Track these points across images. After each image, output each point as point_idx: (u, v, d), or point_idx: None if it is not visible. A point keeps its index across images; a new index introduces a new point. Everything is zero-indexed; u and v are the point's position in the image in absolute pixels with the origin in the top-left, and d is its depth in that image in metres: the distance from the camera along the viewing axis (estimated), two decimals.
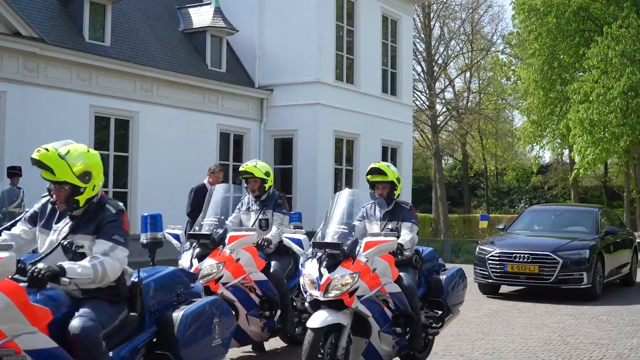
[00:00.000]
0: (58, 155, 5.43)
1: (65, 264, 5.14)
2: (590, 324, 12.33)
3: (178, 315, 5.81)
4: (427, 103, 52.12)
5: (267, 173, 9.69)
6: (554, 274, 15.20)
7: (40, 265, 5.03)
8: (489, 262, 15.83)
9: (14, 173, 17.86)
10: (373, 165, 8.55)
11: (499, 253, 15.80)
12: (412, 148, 35.60)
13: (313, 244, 7.43)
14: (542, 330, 11.63)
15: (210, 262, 8.69)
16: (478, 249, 16.57)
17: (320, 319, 6.97)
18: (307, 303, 7.37)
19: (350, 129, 28.92)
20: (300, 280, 7.49)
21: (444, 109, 54.03)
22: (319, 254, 7.33)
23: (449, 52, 54.51)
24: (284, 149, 28.16)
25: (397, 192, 8.55)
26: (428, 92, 52.07)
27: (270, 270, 9.24)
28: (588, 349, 10.16)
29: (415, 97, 48.95)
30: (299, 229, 8.56)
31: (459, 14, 53.83)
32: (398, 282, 7.86)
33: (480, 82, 57.94)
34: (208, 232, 9.06)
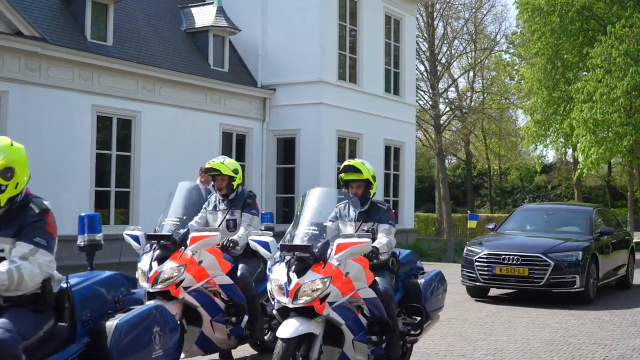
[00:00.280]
0: None
1: None
2: (593, 325, 12.28)
3: (112, 325, 5.31)
4: (430, 102, 52.14)
5: (235, 170, 9.13)
6: (545, 277, 14.52)
7: None
8: (477, 263, 15.15)
9: None
10: (347, 163, 8.01)
11: (487, 254, 15.11)
12: (415, 148, 35.58)
13: (281, 247, 6.93)
14: (544, 331, 11.59)
15: (171, 264, 8.08)
16: (466, 250, 15.91)
17: (291, 329, 6.54)
18: (274, 311, 6.90)
19: (353, 129, 28.89)
20: (268, 286, 6.99)
21: (447, 109, 54.00)
22: (288, 258, 6.84)
23: (452, 51, 54.52)
24: (287, 149, 28.13)
25: (372, 191, 7.96)
26: (431, 91, 52.08)
27: (238, 274, 8.68)
28: (590, 350, 10.11)
29: (419, 96, 48.92)
30: (269, 231, 7.95)
31: (462, 14, 53.84)
32: (373, 286, 7.36)
33: (484, 81, 57.90)
34: (169, 232, 8.45)
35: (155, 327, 5.64)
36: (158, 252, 8.22)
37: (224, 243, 8.67)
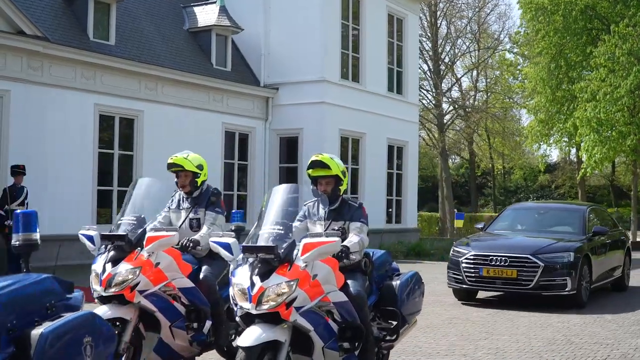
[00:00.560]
0: None
1: None
2: (595, 324, 12.24)
3: (37, 334, 4.92)
4: (433, 102, 52.09)
5: (199, 166, 8.62)
6: (534, 279, 13.76)
7: None
8: (463, 265, 14.41)
9: (18, 172, 17.89)
10: (314, 158, 7.44)
11: (474, 255, 14.36)
12: (418, 147, 35.53)
13: (243, 248, 6.46)
14: (546, 330, 11.55)
15: (125, 266, 7.53)
16: (452, 251, 15.11)
17: (253, 336, 6.10)
18: (238, 317, 6.40)
19: (356, 128, 28.86)
20: (230, 291, 6.54)
21: (451, 108, 53.96)
22: (251, 260, 6.40)
23: (456, 50, 54.46)
24: (290, 148, 28.11)
25: (342, 187, 7.51)
26: (434, 90, 52.05)
27: (200, 276, 8.10)
28: (592, 349, 10.07)
29: (422, 95, 48.90)
30: (240, 230, 7.70)
31: (466, 13, 53.79)
32: (344, 289, 6.89)
33: (487, 80, 57.85)
34: (124, 232, 7.85)
35: (87, 337, 5.24)
36: (112, 253, 7.71)
37: (184, 243, 8.11)
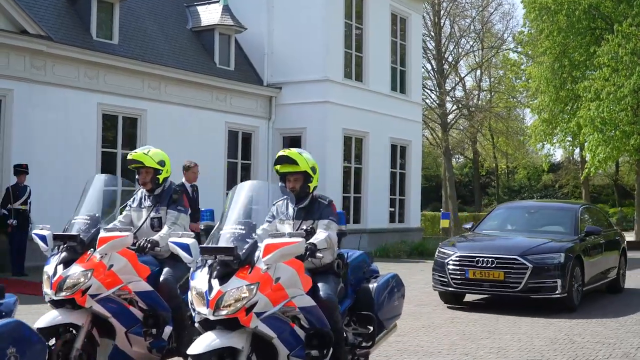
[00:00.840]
0: None
1: None
2: (597, 323, 12.23)
3: None
4: (437, 101, 52.05)
5: (161, 162, 8.11)
6: (522, 281, 13.13)
7: None
8: (449, 267, 13.77)
9: (21, 171, 17.96)
10: (281, 153, 7.08)
11: (460, 257, 13.77)
12: (421, 146, 35.50)
13: (201, 250, 6.13)
14: (548, 329, 11.54)
15: (77, 269, 7.12)
16: (437, 252, 14.47)
17: (204, 343, 5.77)
18: (197, 324, 6.07)
19: (359, 127, 28.85)
20: (189, 296, 6.20)
21: (454, 107, 53.92)
22: (210, 262, 6.06)
23: (459, 50, 54.43)
24: (293, 147, 27.98)
25: (312, 184, 7.07)
26: (438, 90, 51.99)
27: (160, 279, 7.67)
28: (594, 348, 10.06)
29: (425, 95, 48.87)
30: (210, 230, 7.14)
31: (469, 12, 53.73)
32: (313, 293, 6.56)
33: (491, 80, 57.80)
34: (77, 232, 7.44)
35: (11, 347, 4.97)
36: (64, 254, 7.29)
37: (142, 244, 7.67)
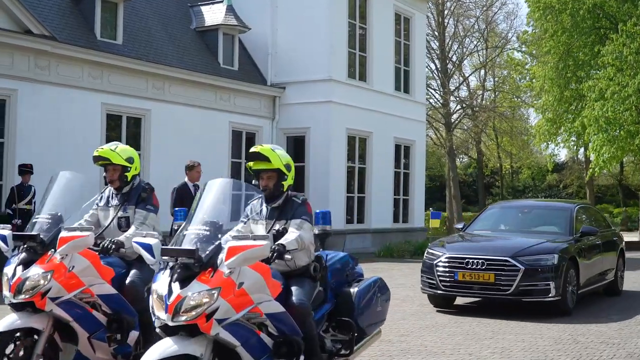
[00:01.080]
0: None
1: None
2: (601, 323, 12.20)
3: None
4: (441, 101, 52.00)
5: (129, 159, 7.79)
6: (514, 284, 12.58)
7: None
8: (437, 269, 13.19)
9: (26, 171, 17.96)
10: (253, 149, 6.71)
11: (449, 258, 13.18)
12: (425, 146, 35.51)
13: (162, 251, 5.82)
14: (552, 329, 11.51)
15: (36, 270, 6.78)
16: (426, 253, 13.89)
17: (159, 350, 5.50)
18: (157, 329, 5.76)
19: (363, 127, 28.86)
20: (150, 299, 5.89)
21: (458, 107, 53.87)
22: (171, 264, 5.76)
23: (464, 49, 54.36)
24: (297, 147, 28.09)
25: (286, 183, 6.73)
26: (442, 89, 51.95)
27: (127, 281, 7.34)
28: (599, 348, 10.04)
29: (429, 94, 48.83)
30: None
31: (473, 12, 53.65)
32: (285, 298, 6.25)
33: (495, 79, 57.75)
34: (37, 231, 7.10)
35: None
36: (24, 255, 6.97)
37: (106, 245, 7.30)
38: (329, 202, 26.98)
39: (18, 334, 6.77)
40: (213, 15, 27.49)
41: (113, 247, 7.29)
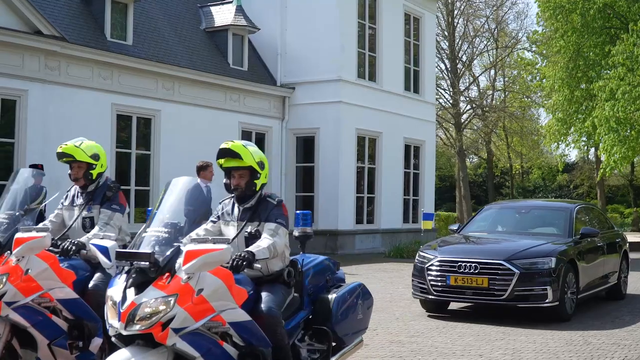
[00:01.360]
0: None
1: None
2: (613, 324, 12.14)
3: None
4: (450, 101, 51.93)
5: (94, 156, 7.43)
6: (508, 289, 11.92)
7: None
8: (428, 272, 12.54)
9: None
10: (223, 146, 6.36)
11: (440, 261, 12.52)
12: (435, 146, 35.45)
13: (116, 254, 5.44)
14: (563, 330, 11.47)
15: None
16: (417, 256, 13.18)
17: None
18: (113, 338, 5.40)
19: (373, 127, 28.84)
20: (105, 306, 5.52)
21: (468, 107, 53.79)
22: (127, 269, 5.43)
23: (473, 49, 54.25)
24: (306, 147, 28.10)
25: (259, 181, 6.33)
26: (452, 89, 51.87)
27: (90, 285, 6.96)
28: (610, 350, 9.99)
29: (439, 95, 48.78)
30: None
31: (483, 11, 53.56)
32: (253, 306, 5.90)
33: (505, 79, 57.61)
34: None
35: None
36: None
37: (66, 246, 6.92)
38: (339, 202, 27.01)
39: None
40: (222, 16, 27.51)
41: (73, 248, 6.92)
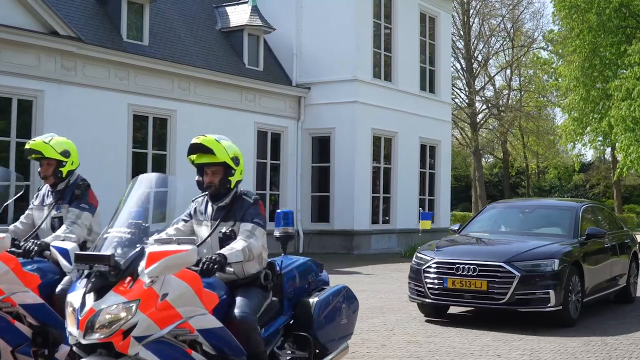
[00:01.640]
0: None
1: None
2: (631, 324, 12.08)
3: None
4: (466, 101, 51.85)
5: (65, 152, 7.10)
6: (508, 292, 11.28)
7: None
8: (425, 274, 11.89)
9: None
10: (194, 140, 6.06)
11: (437, 263, 11.88)
12: (451, 146, 35.38)
13: (75, 257, 5.03)
14: (581, 331, 11.40)
15: None
16: (414, 257, 12.51)
17: None
18: (74, 347, 4.99)
19: (388, 127, 28.80)
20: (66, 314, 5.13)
21: (484, 107, 53.67)
22: (87, 273, 5.03)
23: (489, 49, 54.15)
24: (322, 148, 28.09)
25: (233, 178, 6.02)
26: (467, 89, 51.78)
27: (57, 290, 6.53)
28: (628, 350, 9.93)
29: (455, 94, 48.71)
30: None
31: (499, 11, 53.45)
32: (227, 311, 5.57)
33: (521, 79, 57.45)
34: None
35: None
36: None
37: (27, 247, 6.56)
38: (354, 202, 26.99)
39: None
40: (238, 16, 27.52)
41: (35, 249, 6.55)
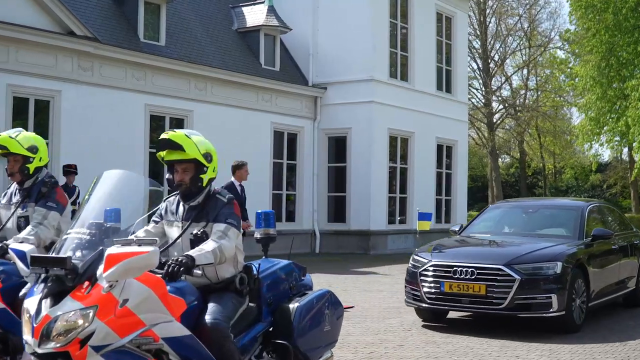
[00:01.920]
0: None
1: None
2: None
3: None
4: (483, 100, 51.73)
5: (32, 148, 6.67)
6: (508, 297, 10.69)
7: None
8: (422, 278, 11.36)
9: (70, 171, 18.12)
10: (164, 136, 5.58)
11: (434, 266, 11.32)
12: (467, 146, 35.30)
13: (31, 260, 4.70)
14: (599, 331, 11.35)
15: None
16: (411, 260, 11.92)
17: None
18: (31, 357, 4.62)
19: (405, 127, 28.76)
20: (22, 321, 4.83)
21: (501, 107, 53.53)
22: (44, 277, 4.70)
23: (506, 48, 53.99)
24: (338, 148, 28.08)
25: (205, 176, 5.69)
26: (484, 89, 51.66)
27: (20, 294, 5.93)
28: None
29: (471, 94, 48.60)
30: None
31: (516, 10, 53.30)
32: (198, 318, 5.23)
33: (538, 79, 57.26)
34: None
35: None
36: None
37: None
38: (371, 202, 26.97)
39: None
40: (254, 16, 27.55)
41: None
